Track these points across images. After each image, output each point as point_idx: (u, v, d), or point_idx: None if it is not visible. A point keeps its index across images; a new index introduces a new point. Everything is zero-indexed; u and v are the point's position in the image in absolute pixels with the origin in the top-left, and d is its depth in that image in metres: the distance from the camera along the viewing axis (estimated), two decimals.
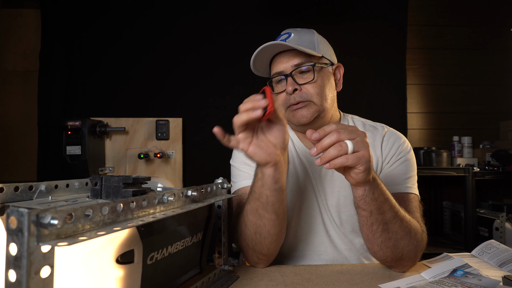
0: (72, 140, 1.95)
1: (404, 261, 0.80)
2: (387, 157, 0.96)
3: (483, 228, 2.24)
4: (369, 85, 2.49)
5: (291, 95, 0.92)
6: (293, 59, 0.92)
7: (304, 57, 0.92)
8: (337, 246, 0.96)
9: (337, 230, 0.96)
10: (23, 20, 2.39)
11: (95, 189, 0.60)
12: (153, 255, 0.53)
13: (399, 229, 0.75)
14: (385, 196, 0.73)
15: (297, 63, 0.92)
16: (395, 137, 0.99)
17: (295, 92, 0.91)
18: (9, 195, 0.55)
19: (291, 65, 0.92)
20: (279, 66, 0.94)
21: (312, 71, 0.92)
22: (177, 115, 2.31)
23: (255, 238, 0.80)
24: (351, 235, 0.96)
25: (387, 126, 1.03)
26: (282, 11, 2.48)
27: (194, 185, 0.62)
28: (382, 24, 2.52)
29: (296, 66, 0.92)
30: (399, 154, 0.96)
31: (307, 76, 0.92)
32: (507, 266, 0.81)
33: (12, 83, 2.38)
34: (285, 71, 0.93)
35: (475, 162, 2.41)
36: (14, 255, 0.33)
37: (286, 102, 0.94)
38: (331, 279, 0.76)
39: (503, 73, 2.65)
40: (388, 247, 0.76)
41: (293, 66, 0.92)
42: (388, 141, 0.98)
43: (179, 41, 2.41)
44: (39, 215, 0.34)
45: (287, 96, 0.93)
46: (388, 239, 0.75)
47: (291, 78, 0.91)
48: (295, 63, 0.92)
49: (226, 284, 0.72)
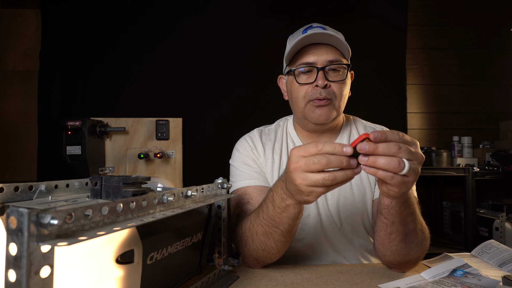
0: (72, 140, 1.95)
1: (409, 264, 0.80)
2: None
3: (483, 228, 2.24)
4: (369, 85, 2.49)
5: (319, 90, 0.89)
6: (328, 53, 0.90)
7: (338, 55, 0.91)
8: (335, 247, 0.96)
9: (336, 231, 0.96)
10: (23, 20, 2.39)
11: (95, 189, 0.60)
12: (153, 255, 0.53)
13: (416, 239, 0.75)
14: (411, 209, 0.70)
15: (332, 59, 0.90)
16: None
17: (324, 87, 0.89)
18: (9, 195, 0.55)
19: (326, 59, 0.89)
20: (310, 58, 0.90)
21: (344, 71, 0.91)
22: (177, 115, 2.31)
23: (262, 254, 0.80)
24: (350, 235, 0.96)
25: (386, 128, 1.02)
26: (282, 12, 2.48)
27: (194, 185, 0.62)
28: (382, 24, 2.52)
29: (330, 62, 0.89)
30: None
31: (337, 75, 0.91)
32: (507, 266, 0.81)
33: (12, 83, 2.37)
34: (317, 63, 0.90)
35: (475, 162, 2.40)
36: (14, 255, 0.33)
37: (311, 96, 0.91)
38: (331, 279, 0.76)
39: (503, 73, 2.64)
40: (401, 255, 0.76)
41: (328, 62, 0.89)
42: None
43: (180, 42, 2.41)
44: (39, 215, 0.34)
45: (312, 90, 0.90)
46: (403, 248, 0.74)
47: (323, 73, 0.89)
48: (330, 58, 0.90)
49: (226, 284, 0.72)
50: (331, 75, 0.91)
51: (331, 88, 0.90)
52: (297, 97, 0.94)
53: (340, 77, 0.91)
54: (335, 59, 0.90)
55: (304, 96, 0.92)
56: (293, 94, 0.96)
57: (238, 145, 1.05)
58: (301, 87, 0.92)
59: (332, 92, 0.90)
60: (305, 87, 0.92)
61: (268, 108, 2.30)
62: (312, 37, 0.89)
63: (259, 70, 2.41)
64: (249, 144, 1.03)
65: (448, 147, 2.51)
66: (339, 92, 0.91)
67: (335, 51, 0.91)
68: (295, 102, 0.96)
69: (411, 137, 0.58)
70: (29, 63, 2.37)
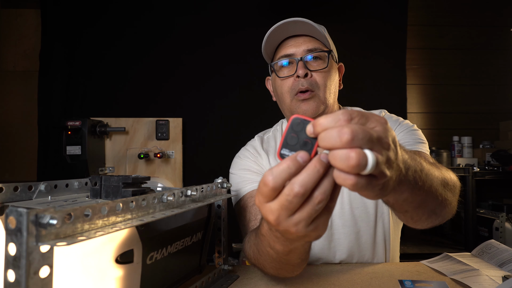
0: (72, 140, 1.95)
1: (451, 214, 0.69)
2: None
3: (483, 228, 2.24)
4: (369, 85, 2.49)
5: (300, 80, 0.86)
6: (307, 43, 0.88)
7: (318, 44, 0.89)
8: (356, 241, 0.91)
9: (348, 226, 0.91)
10: (23, 20, 2.39)
11: (95, 189, 0.60)
12: (152, 255, 0.53)
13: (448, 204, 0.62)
14: (426, 187, 0.50)
15: (311, 48, 0.87)
16: (393, 118, 0.96)
17: (305, 77, 0.86)
18: (8, 195, 0.55)
19: (304, 49, 0.87)
20: (289, 49, 0.88)
21: (325, 60, 0.88)
22: (177, 115, 2.31)
23: (277, 274, 0.69)
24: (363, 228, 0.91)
25: (385, 111, 1.00)
26: (282, 12, 2.48)
27: (194, 185, 0.62)
28: (382, 24, 2.51)
29: (310, 51, 0.87)
30: (401, 127, 0.91)
31: (318, 64, 0.88)
32: (507, 266, 0.80)
33: (12, 83, 2.38)
34: (295, 54, 0.88)
35: (475, 162, 2.40)
36: (13, 255, 0.33)
37: (294, 88, 0.88)
38: (331, 279, 0.76)
39: (503, 73, 2.64)
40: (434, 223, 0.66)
41: (306, 51, 0.87)
42: None
43: (180, 42, 2.41)
44: (38, 215, 0.33)
45: (294, 81, 0.87)
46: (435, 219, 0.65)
47: (302, 62, 0.86)
48: (309, 47, 0.87)
49: (226, 284, 0.72)
50: (312, 65, 0.88)
51: (313, 78, 0.87)
52: (281, 93, 0.91)
53: (322, 65, 0.88)
54: (314, 48, 0.87)
55: (288, 91, 0.89)
56: (278, 91, 0.93)
57: (240, 154, 1.02)
58: (283, 82, 0.90)
59: (315, 82, 0.87)
60: (288, 81, 0.89)
61: (269, 108, 2.29)
62: (286, 27, 0.86)
63: (259, 69, 2.40)
64: (251, 152, 1.00)
65: (448, 147, 2.51)
66: (322, 82, 0.87)
67: (314, 40, 0.89)
68: (281, 99, 0.93)
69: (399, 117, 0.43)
70: (29, 63, 2.37)
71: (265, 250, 0.59)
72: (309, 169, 0.36)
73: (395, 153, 0.38)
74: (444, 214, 0.64)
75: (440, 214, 0.63)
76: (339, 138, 0.33)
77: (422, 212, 0.59)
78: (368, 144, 0.34)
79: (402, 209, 0.56)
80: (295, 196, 0.36)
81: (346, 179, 0.34)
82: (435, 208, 0.60)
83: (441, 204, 0.60)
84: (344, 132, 0.33)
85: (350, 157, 0.32)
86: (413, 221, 0.63)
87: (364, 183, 0.35)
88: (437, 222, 0.66)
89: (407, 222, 0.65)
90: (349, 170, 0.33)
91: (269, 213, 0.39)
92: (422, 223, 0.64)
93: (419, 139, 0.88)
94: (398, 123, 0.93)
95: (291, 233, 0.40)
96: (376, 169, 0.34)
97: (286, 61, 0.89)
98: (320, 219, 0.40)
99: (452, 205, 0.64)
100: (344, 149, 0.33)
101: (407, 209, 0.55)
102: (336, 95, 0.95)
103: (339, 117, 0.35)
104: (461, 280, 0.72)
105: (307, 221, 0.39)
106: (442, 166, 0.68)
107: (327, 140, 0.34)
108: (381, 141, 0.36)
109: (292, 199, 0.37)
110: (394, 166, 0.38)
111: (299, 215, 0.38)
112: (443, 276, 0.77)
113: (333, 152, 0.34)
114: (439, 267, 0.82)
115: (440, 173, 0.59)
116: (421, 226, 0.66)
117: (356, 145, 0.33)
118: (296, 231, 0.39)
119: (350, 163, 0.32)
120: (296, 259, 0.58)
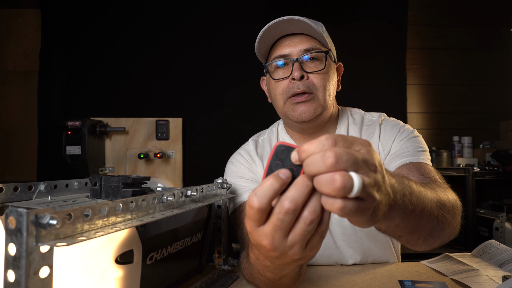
0: (72, 140, 1.95)
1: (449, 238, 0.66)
2: (387, 145, 0.87)
3: (483, 228, 2.24)
4: (369, 85, 2.49)
5: (296, 83, 0.81)
6: (302, 43, 0.83)
7: (315, 43, 0.83)
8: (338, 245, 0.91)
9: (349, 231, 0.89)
10: (23, 20, 2.39)
11: (95, 189, 0.60)
12: (152, 255, 0.53)
13: (446, 227, 0.60)
14: (418, 211, 0.49)
15: (308, 48, 0.82)
16: (392, 123, 0.91)
17: (301, 79, 0.81)
18: (8, 195, 0.55)
19: (300, 49, 0.82)
20: (284, 49, 0.83)
21: (323, 60, 0.83)
22: (177, 115, 2.31)
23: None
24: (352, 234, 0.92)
25: (384, 115, 0.96)
26: (282, 11, 2.47)
27: (194, 185, 0.62)
28: (382, 24, 2.51)
29: (306, 51, 0.82)
30: (401, 134, 0.87)
31: (315, 65, 0.83)
32: (507, 266, 0.80)
33: (12, 83, 2.37)
34: (291, 55, 0.83)
35: (475, 162, 2.40)
36: (13, 255, 0.33)
37: (288, 91, 0.83)
38: (331, 279, 0.76)
39: (503, 73, 2.64)
40: (433, 245, 0.64)
41: (303, 51, 0.82)
42: (385, 129, 0.89)
43: (179, 41, 2.41)
44: (38, 215, 0.33)
45: (289, 84, 0.82)
46: (434, 242, 0.62)
47: (298, 64, 0.81)
48: (306, 47, 0.82)
49: (226, 284, 0.71)
50: (309, 66, 0.83)
51: (310, 80, 0.82)
52: (275, 95, 0.86)
53: (319, 66, 0.82)
54: (311, 47, 0.82)
55: (282, 93, 0.84)
56: (272, 93, 0.88)
57: (233, 159, 0.97)
58: (278, 84, 0.85)
59: (312, 84, 0.82)
60: (282, 83, 0.84)
61: (268, 108, 2.29)
62: (281, 25, 0.82)
63: (259, 69, 2.40)
64: (245, 158, 0.95)
65: (448, 147, 2.51)
66: (320, 84, 0.82)
67: (311, 39, 0.84)
68: (274, 101, 0.89)
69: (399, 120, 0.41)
70: (29, 63, 2.37)
71: (256, 276, 0.59)
72: (298, 184, 0.35)
73: (382, 176, 0.37)
74: (443, 236, 0.62)
75: (438, 237, 0.61)
76: (323, 162, 0.33)
77: (417, 236, 0.57)
78: (353, 167, 0.34)
79: (396, 235, 0.55)
80: (286, 213, 0.35)
81: (334, 203, 0.33)
82: (431, 231, 0.58)
83: (438, 227, 0.58)
84: (328, 156, 0.33)
85: (334, 180, 0.32)
86: (410, 245, 0.61)
87: (352, 207, 0.34)
88: (436, 245, 0.63)
89: (405, 245, 0.63)
90: (335, 194, 0.33)
91: (263, 238, 0.38)
92: (420, 246, 0.62)
93: (420, 147, 0.84)
94: (398, 130, 0.89)
95: (287, 257, 0.39)
96: (363, 192, 0.34)
97: (282, 62, 0.85)
98: (313, 241, 0.39)
99: (452, 226, 0.62)
100: (329, 172, 0.33)
101: (401, 234, 0.54)
102: (334, 95, 0.92)
103: (323, 143, 0.35)
104: (461, 280, 0.72)
105: (301, 244, 0.38)
106: (441, 185, 0.67)
107: (312, 166, 0.34)
108: (367, 163, 0.35)
109: (284, 217, 0.35)
110: (383, 190, 0.37)
111: (292, 237, 0.37)
112: (443, 276, 0.77)
113: (318, 177, 0.34)
114: (439, 267, 0.83)
115: (435, 195, 0.57)
116: (420, 249, 0.64)
117: (340, 168, 0.33)
118: (292, 254, 0.39)
119: (335, 186, 0.32)
120: (289, 281, 0.58)
